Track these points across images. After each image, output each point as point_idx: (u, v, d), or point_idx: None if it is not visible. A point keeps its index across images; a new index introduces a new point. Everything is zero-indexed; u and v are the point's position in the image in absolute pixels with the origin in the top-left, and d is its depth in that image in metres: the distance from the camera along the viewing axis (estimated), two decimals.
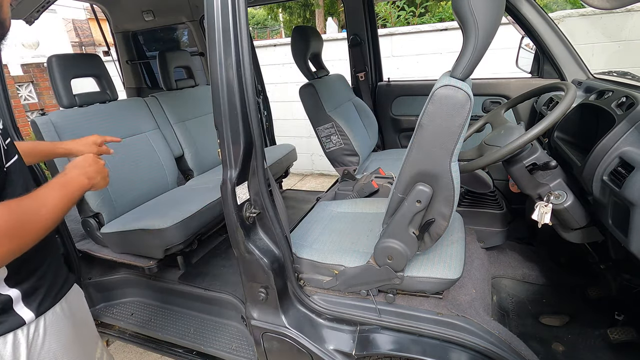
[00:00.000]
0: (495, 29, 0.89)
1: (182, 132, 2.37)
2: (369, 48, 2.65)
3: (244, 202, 1.19)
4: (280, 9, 14.30)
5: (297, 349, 1.29)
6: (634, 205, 0.86)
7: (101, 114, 1.93)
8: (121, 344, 2.15)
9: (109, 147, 1.42)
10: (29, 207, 0.72)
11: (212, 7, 1.05)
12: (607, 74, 1.71)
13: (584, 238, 1.28)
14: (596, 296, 1.50)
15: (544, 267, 1.72)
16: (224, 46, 1.06)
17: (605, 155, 1.03)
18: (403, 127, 2.67)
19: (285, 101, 4.56)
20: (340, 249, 1.35)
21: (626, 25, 3.18)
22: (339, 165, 2.19)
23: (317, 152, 4.59)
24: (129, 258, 1.76)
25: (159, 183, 2.11)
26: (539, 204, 1.20)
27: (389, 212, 1.11)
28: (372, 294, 1.23)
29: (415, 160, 0.99)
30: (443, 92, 0.90)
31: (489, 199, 1.81)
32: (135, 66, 3.18)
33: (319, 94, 2.06)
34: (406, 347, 1.17)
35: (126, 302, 1.90)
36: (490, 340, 1.12)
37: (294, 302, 1.32)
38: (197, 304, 1.75)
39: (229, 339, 1.59)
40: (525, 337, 1.30)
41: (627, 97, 1.13)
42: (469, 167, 1.19)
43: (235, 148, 1.12)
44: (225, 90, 1.09)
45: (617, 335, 1.28)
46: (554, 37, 1.79)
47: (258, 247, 1.23)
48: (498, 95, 2.20)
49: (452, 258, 1.22)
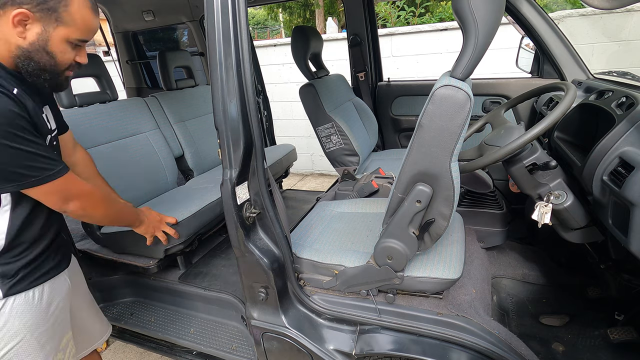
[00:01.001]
0: (495, 29, 0.89)
1: (182, 132, 2.37)
2: (369, 48, 2.65)
3: (244, 202, 1.19)
4: (280, 9, 14.31)
5: (297, 349, 1.29)
6: (634, 205, 0.86)
7: (101, 114, 1.93)
8: (121, 344, 2.15)
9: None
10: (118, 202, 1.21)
11: (212, 7, 1.05)
12: (607, 74, 1.71)
13: (584, 238, 1.28)
14: (596, 296, 1.50)
15: (544, 267, 1.72)
16: (224, 46, 1.06)
17: (605, 155, 1.03)
18: (403, 127, 2.67)
19: (285, 101, 4.56)
20: (340, 249, 1.35)
21: (626, 25, 3.18)
22: (339, 165, 2.19)
23: (317, 152, 4.59)
24: (129, 258, 1.76)
25: (159, 183, 2.11)
26: (539, 204, 1.20)
27: (389, 212, 1.11)
28: (372, 294, 1.23)
29: (415, 160, 0.99)
30: (443, 92, 0.90)
31: (489, 199, 1.81)
32: (135, 66, 3.18)
33: (319, 94, 2.05)
34: (406, 347, 1.17)
35: (126, 302, 1.90)
36: (490, 340, 1.12)
37: (294, 302, 1.32)
38: (197, 304, 1.75)
39: (229, 339, 1.59)
40: (525, 337, 1.30)
41: (627, 97, 1.13)
42: (469, 167, 1.19)
43: (235, 148, 1.12)
44: (225, 90, 1.09)
45: (617, 335, 1.28)
46: (554, 37, 1.79)
47: (258, 247, 1.23)
48: (498, 95, 2.20)
49: (452, 258, 1.22)
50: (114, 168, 1.82)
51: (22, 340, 1.00)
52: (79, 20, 0.93)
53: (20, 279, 0.98)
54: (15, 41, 0.89)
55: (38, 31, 0.89)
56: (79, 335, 1.26)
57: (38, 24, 0.89)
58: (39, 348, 1.03)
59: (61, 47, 0.93)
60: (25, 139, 0.86)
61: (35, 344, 1.02)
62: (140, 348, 1.84)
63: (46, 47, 0.91)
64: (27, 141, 0.86)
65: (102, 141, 1.87)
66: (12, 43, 0.89)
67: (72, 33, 0.93)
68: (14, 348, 0.99)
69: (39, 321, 1.02)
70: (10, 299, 0.96)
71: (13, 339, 0.98)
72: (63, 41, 0.93)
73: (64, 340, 1.13)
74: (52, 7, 0.88)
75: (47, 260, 1.06)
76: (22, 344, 1.00)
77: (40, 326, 1.03)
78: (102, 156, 1.80)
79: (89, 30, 0.97)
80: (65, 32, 0.92)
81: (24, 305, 0.99)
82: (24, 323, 0.99)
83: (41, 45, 0.90)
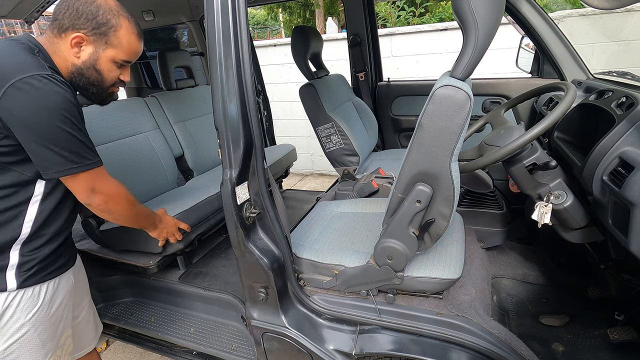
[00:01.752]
0: (495, 29, 0.89)
1: (182, 132, 2.37)
2: (369, 48, 2.65)
3: (244, 202, 1.19)
4: (280, 9, 14.30)
5: (297, 349, 1.29)
6: (634, 205, 0.86)
7: (101, 114, 1.93)
8: (121, 344, 2.15)
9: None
10: (138, 204, 1.27)
11: (212, 7, 1.05)
12: (607, 74, 1.71)
13: (584, 238, 1.28)
14: (596, 296, 1.50)
15: (544, 267, 1.72)
16: (224, 46, 1.06)
17: (605, 155, 1.03)
18: (403, 127, 2.67)
19: (285, 101, 4.56)
20: (340, 249, 1.35)
21: (626, 25, 3.18)
22: (339, 165, 2.19)
23: (317, 152, 4.59)
24: (129, 258, 1.76)
25: (159, 183, 2.11)
26: (539, 204, 1.20)
27: (389, 212, 1.11)
28: (372, 294, 1.23)
29: (415, 160, 0.99)
30: (443, 92, 0.90)
31: (489, 199, 1.81)
32: (135, 66, 3.19)
33: (319, 94, 2.05)
34: (406, 347, 1.17)
35: (126, 302, 1.90)
36: (490, 340, 1.12)
37: (294, 302, 1.32)
38: (197, 304, 1.75)
39: (229, 339, 1.59)
40: (525, 337, 1.30)
41: (627, 97, 1.13)
42: (469, 167, 1.19)
43: (235, 148, 1.12)
44: (225, 90, 1.09)
45: (617, 335, 1.28)
46: (554, 37, 1.79)
47: (258, 247, 1.23)
48: (498, 95, 2.20)
49: (452, 258, 1.22)
50: (113, 168, 1.82)
51: (26, 335, 1.03)
52: (125, 44, 1.07)
53: (34, 272, 1.02)
54: (72, 60, 1.03)
55: (90, 51, 1.04)
56: (74, 336, 1.27)
57: (91, 45, 1.03)
58: (40, 344, 1.06)
59: (108, 66, 1.07)
60: (77, 127, 0.97)
61: (37, 340, 1.05)
62: (140, 348, 1.84)
63: (95, 65, 1.05)
64: (78, 129, 0.97)
65: (102, 141, 1.87)
66: (69, 61, 1.03)
67: (118, 54, 1.07)
68: (17, 342, 1.02)
69: (42, 318, 1.05)
70: (21, 291, 1.01)
71: (17, 333, 1.01)
72: (110, 61, 1.07)
73: (63, 338, 1.16)
74: (104, 32, 1.03)
75: (60, 257, 1.10)
76: (24, 339, 1.03)
77: (43, 322, 1.06)
78: (102, 156, 1.74)
79: (133, 53, 1.11)
80: (112, 53, 1.06)
81: (31, 300, 1.03)
82: (29, 318, 1.02)
83: (92, 63, 1.05)
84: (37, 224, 1.02)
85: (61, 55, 1.02)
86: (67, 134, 0.94)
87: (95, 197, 1.06)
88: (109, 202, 1.10)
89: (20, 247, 1.00)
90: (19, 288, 1.00)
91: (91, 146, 1.03)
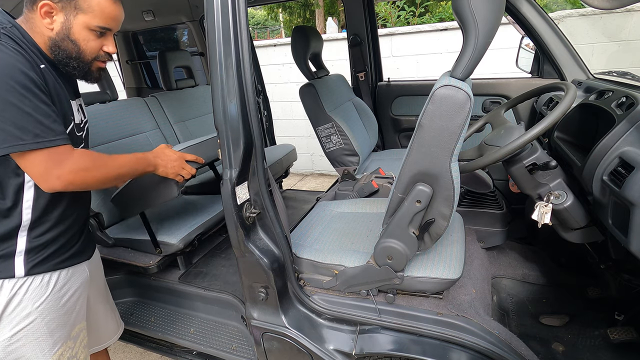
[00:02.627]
0: (495, 29, 0.89)
1: (182, 132, 2.37)
2: (369, 48, 2.65)
3: (244, 202, 1.19)
4: (280, 9, 14.29)
5: (297, 349, 1.29)
6: (634, 205, 0.86)
7: (101, 114, 1.93)
8: (121, 344, 2.15)
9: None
10: (103, 157, 1.04)
11: (212, 7, 1.05)
12: (607, 74, 1.71)
13: (584, 238, 1.28)
14: (596, 296, 1.50)
15: (544, 267, 1.72)
16: (224, 46, 1.06)
17: (605, 155, 1.03)
18: (403, 127, 2.67)
19: (285, 101, 4.56)
20: (340, 249, 1.35)
21: (626, 25, 3.18)
22: (339, 165, 2.19)
23: (317, 152, 4.59)
24: (129, 258, 1.76)
25: None
26: (539, 204, 1.20)
27: (389, 212, 1.11)
28: (372, 294, 1.23)
29: (415, 160, 0.99)
30: (443, 92, 0.90)
31: (489, 199, 1.81)
32: (135, 66, 3.18)
33: (319, 94, 2.06)
34: (406, 347, 1.17)
35: (126, 302, 1.90)
36: (490, 340, 1.12)
37: (294, 302, 1.32)
38: (197, 304, 1.75)
39: (229, 339, 1.59)
40: (525, 337, 1.30)
41: (627, 97, 1.13)
42: (469, 167, 1.19)
43: (235, 148, 1.12)
44: (225, 90, 1.09)
45: (617, 335, 1.28)
46: (554, 37, 1.79)
47: (258, 247, 1.23)
48: (498, 95, 2.20)
49: (452, 258, 1.22)
50: None
51: (32, 323, 1.01)
52: (95, 7, 0.97)
53: (43, 259, 1.00)
54: (47, 33, 0.96)
55: (62, 20, 0.96)
56: (91, 330, 1.27)
57: (61, 13, 0.95)
58: (48, 333, 1.04)
59: (83, 34, 0.98)
60: (27, 99, 0.85)
61: (45, 329, 1.03)
62: (140, 348, 1.84)
63: (69, 35, 0.97)
64: (28, 101, 0.85)
65: (102, 141, 1.87)
66: (45, 35, 0.96)
67: (91, 20, 0.97)
68: (23, 329, 1.00)
69: (51, 307, 1.03)
70: (29, 279, 0.99)
71: (24, 321, 1.00)
72: (84, 28, 0.98)
73: (76, 329, 1.13)
74: None
75: (70, 246, 1.08)
76: (31, 327, 1.01)
77: (52, 312, 1.04)
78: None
79: (108, 17, 1.00)
80: (84, 19, 0.97)
81: (39, 289, 1.00)
82: (37, 306, 1.01)
83: (65, 33, 0.96)
84: (37, 210, 0.98)
85: (38, 31, 0.96)
86: (10, 105, 0.83)
87: (54, 182, 0.91)
88: (75, 181, 0.94)
89: (26, 233, 0.98)
90: (27, 275, 0.98)
91: (48, 123, 0.88)
